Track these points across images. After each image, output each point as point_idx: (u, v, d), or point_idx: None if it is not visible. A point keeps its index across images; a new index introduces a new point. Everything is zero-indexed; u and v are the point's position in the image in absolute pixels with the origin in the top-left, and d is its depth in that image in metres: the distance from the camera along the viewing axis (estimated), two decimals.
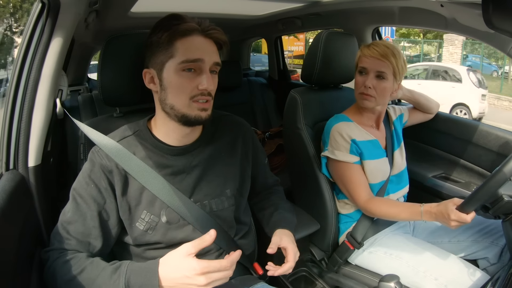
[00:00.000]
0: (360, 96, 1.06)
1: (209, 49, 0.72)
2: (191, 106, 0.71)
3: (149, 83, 0.75)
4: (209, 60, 0.71)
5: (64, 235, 0.70)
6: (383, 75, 1.02)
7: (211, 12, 1.76)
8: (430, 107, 1.29)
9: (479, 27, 1.07)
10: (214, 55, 0.72)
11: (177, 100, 0.71)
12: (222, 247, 0.79)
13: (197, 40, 0.70)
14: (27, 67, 0.80)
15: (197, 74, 0.71)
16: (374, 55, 1.01)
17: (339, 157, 1.04)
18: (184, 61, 0.69)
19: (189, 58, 0.69)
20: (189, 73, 0.70)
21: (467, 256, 1.04)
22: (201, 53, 0.70)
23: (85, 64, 3.05)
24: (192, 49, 0.69)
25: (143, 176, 0.73)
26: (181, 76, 0.70)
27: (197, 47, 0.70)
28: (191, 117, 0.72)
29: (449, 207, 0.82)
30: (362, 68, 1.05)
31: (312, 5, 1.63)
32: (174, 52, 0.69)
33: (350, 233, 1.09)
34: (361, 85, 1.05)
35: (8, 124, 0.79)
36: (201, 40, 0.71)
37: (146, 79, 0.75)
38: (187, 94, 0.70)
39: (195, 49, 0.70)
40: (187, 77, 0.70)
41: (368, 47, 1.04)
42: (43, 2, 0.80)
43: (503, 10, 0.58)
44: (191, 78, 0.70)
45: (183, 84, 0.70)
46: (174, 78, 0.70)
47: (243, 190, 0.86)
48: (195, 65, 0.70)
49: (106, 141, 0.74)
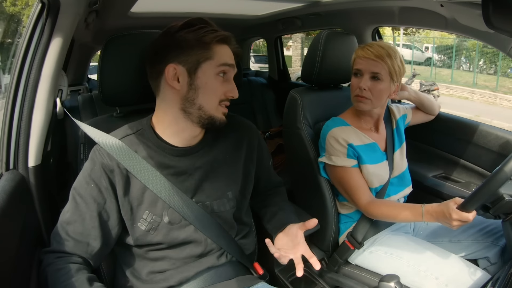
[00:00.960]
0: (355, 99, 1.04)
1: (232, 56, 0.77)
2: (218, 109, 0.75)
3: (173, 79, 0.71)
4: (234, 69, 0.76)
5: (62, 235, 0.70)
6: (378, 76, 1.00)
7: (211, 12, 1.76)
8: (433, 109, 1.28)
9: (479, 27, 1.07)
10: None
11: (209, 101, 0.73)
12: (222, 247, 0.79)
13: (228, 49, 0.75)
14: (27, 67, 0.80)
15: (226, 80, 0.75)
16: (368, 56, 1.00)
17: (337, 162, 1.04)
18: (223, 64, 0.72)
19: (227, 62, 0.73)
20: (221, 78, 0.74)
21: (468, 255, 1.04)
22: (232, 61, 0.75)
23: (85, 64, 3.05)
24: (229, 55, 0.75)
25: (145, 176, 0.72)
26: (216, 79, 0.73)
27: (231, 55, 0.75)
28: (217, 120, 0.75)
29: (451, 206, 0.82)
30: (357, 70, 1.03)
31: (312, 5, 1.63)
32: (212, 55, 0.71)
33: (351, 233, 1.09)
34: (356, 87, 1.03)
35: (8, 124, 0.79)
36: (230, 50, 0.76)
37: (170, 74, 0.71)
38: (218, 97, 0.74)
39: (230, 55, 0.75)
40: (220, 81, 0.74)
41: (362, 48, 1.02)
42: (43, 2, 0.80)
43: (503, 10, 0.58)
44: (222, 83, 0.74)
45: (217, 87, 0.73)
46: (210, 80, 0.72)
47: (246, 192, 0.86)
48: (228, 69, 0.74)
49: (107, 139, 0.74)
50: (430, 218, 0.88)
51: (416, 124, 1.30)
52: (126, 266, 0.78)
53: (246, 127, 0.88)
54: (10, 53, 1.43)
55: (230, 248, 0.80)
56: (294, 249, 0.77)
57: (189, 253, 0.77)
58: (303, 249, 0.77)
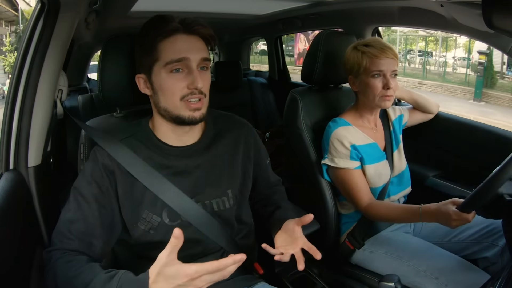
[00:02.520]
0: (381, 99, 1.03)
1: (195, 46, 0.71)
2: (182, 107, 0.71)
3: (144, 88, 0.75)
4: (195, 57, 0.70)
5: (66, 234, 0.70)
6: (396, 73, 1.03)
7: (211, 11, 1.76)
8: (429, 108, 1.28)
9: (479, 27, 1.07)
10: (200, 51, 0.71)
11: (169, 103, 0.71)
12: (223, 247, 0.80)
13: (180, 39, 0.70)
14: (27, 67, 0.80)
15: (185, 73, 0.70)
16: (388, 56, 1.00)
17: (340, 164, 1.04)
18: (169, 62, 0.69)
19: (173, 58, 0.69)
20: (177, 74, 0.70)
21: (467, 255, 1.03)
22: (185, 52, 0.69)
23: (85, 64, 3.05)
24: (175, 49, 0.69)
25: (145, 176, 0.73)
26: (169, 77, 0.70)
27: (181, 46, 0.69)
28: (185, 118, 0.72)
29: (450, 207, 0.82)
30: (379, 71, 1.01)
31: (312, 5, 1.63)
32: (158, 55, 0.69)
33: (351, 233, 1.09)
34: (380, 88, 1.01)
35: (8, 124, 0.79)
36: (185, 39, 0.70)
37: (140, 84, 0.75)
38: (178, 95, 0.70)
39: (179, 48, 0.69)
40: (175, 78, 0.70)
41: (379, 49, 1.00)
42: (43, 2, 0.80)
43: (503, 10, 0.58)
44: (179, 78, 0.70)
45: (173, 86, 0.70)
46: (163, 81, 0.70)
47: (245, 191, 0.86)
48: (182, 64, 0.70)
49: (107, 140, 0.74)
50: (428, 218, 0.88)
51: (416, 124, 1.30)
52: (126, 266, 0.78)
53: (242, 126, 0.88)
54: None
55: (230, 247, 0.80)
56: (293, 244, 0.77)
57: (189, 253, 0.77)
58: (301, 242, 0.76)
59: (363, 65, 1.02)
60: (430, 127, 1.35)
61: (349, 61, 1.06)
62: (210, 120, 0.84)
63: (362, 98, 1.08)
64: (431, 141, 1.42)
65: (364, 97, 1.06)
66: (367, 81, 1.03)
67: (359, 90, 1.08)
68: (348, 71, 1.08)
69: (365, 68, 1.02)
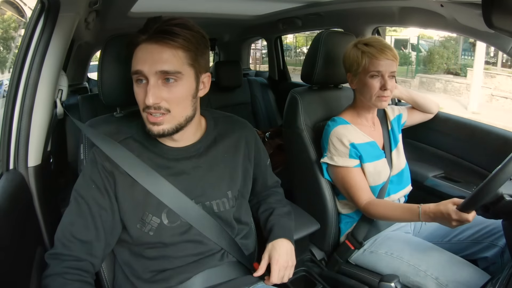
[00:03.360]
0: (378, 99, 1.04)
1: (153, 57, 0.65)
2: (145, 119, 0.70)
3: None
4: (149, 70, 0.65)
5: (67, 237, 0.70)
6: (394, 74, 1.03)
7: (211, 12, 1.76)
8: (428, 107, 1.28)
9: (479, 27, 1.07)
10: (158, 64, 0.65)
11: (141, 113, 0.71)
12: (223, 247, 0.79)
13: (141, 49, 0.67)
14: (27, 67, 0.80)
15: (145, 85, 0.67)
16: (388, 58, 1.00)
17: (339, 162, 1.04)
18: (133, 73, 0.68)
19: (132, 70, 0.68)
20: (140, 84, 0.68)
21: (467, 255, 1.03)
22: (141, 64, 0.66)
23: (85, 64, 3.05)
24: (135, 60, 0.67)
25: (144, 177, 0.73)
26: (135, 87, 0.70)
27: (139, 58, 0.67)
28: (148, 130, 0.70)
29: (450, 207, 0.82)
30: (377, 71, 1.01)
31: (312, 5, 1.63)
32: (131, 66, 0.69)
33: (351, 233, 1.09)
34: (377, 88, 1.02)
35: (8, 124, 0.79)
36: (145, 48, 0.66)
37: None
38: (141, 106, 0.70)
39: (137, 60, 0.67)
40: (138, 88, 0.69)
41: (379, 50, 1.00)
42: (43, 2, 0.80)
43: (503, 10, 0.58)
44: (141, 89, 0.68)
45: (137, 96, 0.70)
46: (135, 91, 0.70)
47: (245, 191, 0.86)
48: (140, 76, 0.67)
49: (106, 142, 0.74)
50: (428, 218, 0.88)
51: (415, 123, 1.30)
52: (126, 266, 0.78)
53: (243, 127, 0.88)
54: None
55: (230, 248, 0.80)
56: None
57: (189, 253, 0.77)
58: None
59: (362, 64, 1.02)
60: (429, 127, 1.35)
61: (349, 59, 1.06)
62: (210, 121, 0.84)
63: (359, 97, 1.09)
64: (431, 141, 1.42)
65: (361, 95, 1.07)
66: (365, 80, 1.03)
67: (356, 88, 1.09)
68: (347, 69, 1.08)
69: (364, 68, 1.03)
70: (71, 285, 0.67)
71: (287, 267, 0.82)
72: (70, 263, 0.69)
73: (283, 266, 0.81)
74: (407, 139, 1.22)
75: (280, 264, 0.81)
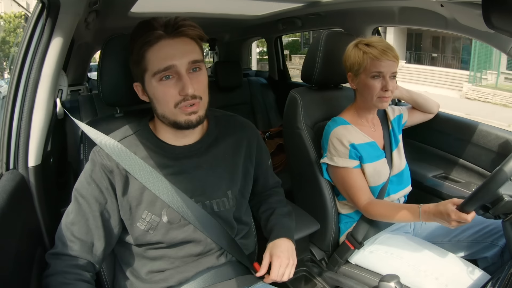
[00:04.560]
0: (379, 100, 1.03)
1: (181, 50, 0.68)
2: (178, 113, 0.70)
3: (142, 95, 0.75)
4: (182, 63, 0.68)
5: (68, 236, 0.70)
6: (395, 74, 1.03)
7: (211, 12, 1.76)
8: (429, 107, 1.28)
9: (479, 27, 1.07)
10: (188, 54, 0.68)
11: (165, 109, 0.71)
12: (223, 247, 0.79)
13: (165, 46, 0.68)
14: (27, 67, 0.80)
15: (176, 79, 0.68)
16: (389, 58, 0.99)
17: (339, 163, 1.04)
18: (156, 72, 0.68)
19: (159, 68, 0.67)
20: (167, 81, 0.68)
21: (467, 255, 1.04)
22: (171, 59, 0.67)
23: (85, 64, 3.05)
24: (161, 58, 0.67)
25: (144, 176, 0.73)
26: (160, 86, 0.69)
27: (165, 54, 0.67)
28: (182, 123, 0.71)
29: (449, 207, 0.82)
30: (379, 72, 1.01)
31: (312, 5, 1.62)
32: (147, 65, 0.69)
33: (351, 233, 1.09)
34: (378, 89, 1.02)
35: (8, 124, 0.79)
36: (169, 44, 0.68)
37: (139, 92, 0.75)
38: (171, 102, 0.69)
39: (164, 57, 0.67)
40: (166, 85, 0.69)
41: (381, 51, 0.99)
42: (43, 2, 0.80)
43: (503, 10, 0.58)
44: (170, 85, 0.68)
45: (165, 94, 0.69)
46: (155, 90, 0.70)
47: (245, 191, 0.86)
48: (170, 71, 0.68)
49: (106, 140, 0.74)
50: (428, 218, 0.88)
51: (416, 124, 1.30)
52: (126, 265, 0.79)
53: (245, 127, 0.88)
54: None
55: (230, 248, 0.80)
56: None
57: (189, 253, 0.77)
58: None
59: (364, 65, 1.02)
60: (430, 127, 1.35)
61: (350, 59, 1.06)
62: (212, 120, 0.84)
63: (360, 97, 1.09)
64: (431, 141, 1.42)
65: (362, 96, 1.07)
66: (366, 81, 1.03)
67: (357, 89, 1.08)
68: (348, 69, 1.08)
69: (365, 68, 1.02)
70: (71, 284, 0.67)
71: (288, 265, 0.81)
72: (71, 263, 0.69)
73: (284, 263, 0.81)
74: (407, 139, 1.22)
75: (281, 261, 0.80)
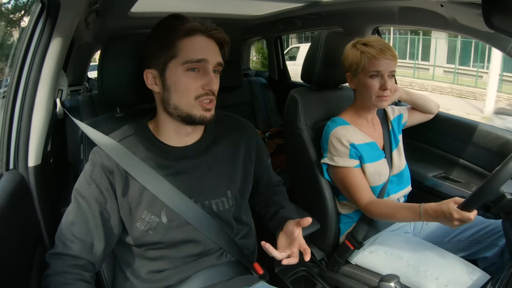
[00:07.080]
0: (378, 99, 1.03)
1: (212, 49, 0.72)
2: (196, 106, 0.72)
3: (152, 84, 0.74)
4: (212, 60, 0.71)
5: (68, 236, 0.70)
6: (393, 73, 1.03)
7: (211, 12, 1.76)
8: (428, 108, 1.28)
9: (479, 27, 1.07)
10: (217, 56, 0.73)
11: (182, 100, 0.71)
12: (222, 247, 0.79)
13: (200, 40, 0.71)
14: (27, 67, 0.80)
15: (201, 74, 0.71)
16: (387, 57, 0.99)
17: (339, 163, 1.04)
18: (188, 61, 0.69)
19: (193, 58, 0.69)
20: (193, 73, 0.71)
21: (467, 255, 1.04)
22: (205, 53, 0.70)
23: (85, 64, 3.05)
24: (195, 49, 0.70)
25: (144, 176, 0.73)
26: (186, 75, 0.70)
27: (201, 47, 0.70)
28: (196, 117, 0.72)
29: (451, 206, 0.81)
30: (377, 71, 1.01)
31: (312, 5, 1.63)
32: (177, 52, 0.69)
33: (351, 233, 1.09)
34: (377, 88, 1.02)
35: (8, 124, 0.79)
36: (204, 40, 0.71)
37: (148, 80, 0.74)
38: (193, 94, 0.71)
39: (198, 49, 0.70)
40: (192, 77, 0.70)
41: (378, 50, 0.99)
42: (43, 2, 0.80)
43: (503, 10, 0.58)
44: (196, 78, 0.71)
45: (188, 84, 0.70)
46: (178, 78, 0.70)
47: (245, 191, 0.86)
48: (199, 65, 0.70)
49: (106, 141, 0.74)
50: (429, 217, 0.88)
51: (416, 124, 1.30)
52: (125, 266, 0.79)
53: (244, 127, 0.88)
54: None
55: (230, 248, 0.80)
56: (290, 245, 0.77)
57: (188, 253, 0.77)
58: (298, 243, 0.76)
59: (362, 64, 1.02)
60: (429, 127, 1.35)
61: (348, 58, 1.06)
62: None
63: (359, 97, 1.09)
64: (431, 141, 1.42)
65: (361, 96, 1.07)
66: (365, 80, 1.03)
67: (356, 88, 1.08)
68: (346, 69, 1.08)
69: (363, 68, 1.03)
70: (71, 284, 0.67)
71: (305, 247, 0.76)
72: (71, 263, 0.69)
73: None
74: (407, 139, 1.22)
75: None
